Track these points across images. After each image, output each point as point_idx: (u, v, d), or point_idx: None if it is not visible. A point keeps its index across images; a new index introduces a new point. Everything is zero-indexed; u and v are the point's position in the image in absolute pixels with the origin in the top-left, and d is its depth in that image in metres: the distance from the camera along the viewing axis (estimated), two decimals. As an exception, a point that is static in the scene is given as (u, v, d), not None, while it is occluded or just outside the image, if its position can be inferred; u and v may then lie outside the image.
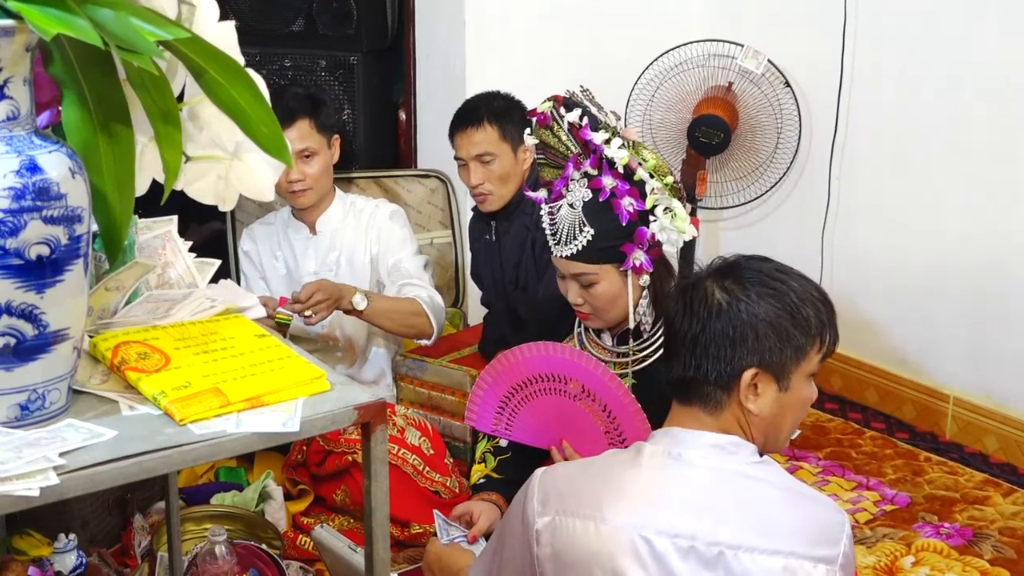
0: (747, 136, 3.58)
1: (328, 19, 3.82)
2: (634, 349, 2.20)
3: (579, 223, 2.09)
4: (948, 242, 3.34)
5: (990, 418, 3.31)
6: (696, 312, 1.59)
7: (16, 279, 1.16)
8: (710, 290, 1.60)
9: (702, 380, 1.59)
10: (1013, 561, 2.73)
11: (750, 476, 1.55)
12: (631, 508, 1.53)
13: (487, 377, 2.23)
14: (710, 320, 1.58)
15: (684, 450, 1.57)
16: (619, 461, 1.63)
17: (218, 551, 2.13)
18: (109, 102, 1.25)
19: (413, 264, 3.06)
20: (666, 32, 3.68)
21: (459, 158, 3.02)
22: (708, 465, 1.56)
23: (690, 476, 1.56)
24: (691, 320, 1.59)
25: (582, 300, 2.16)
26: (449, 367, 3.13)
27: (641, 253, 2.08)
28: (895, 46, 3.41)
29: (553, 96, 2.16)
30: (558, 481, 1.63)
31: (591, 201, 2.09)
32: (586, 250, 2.10)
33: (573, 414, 2.15)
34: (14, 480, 1.13)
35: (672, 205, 2.05)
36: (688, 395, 1.62)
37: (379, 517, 1.41)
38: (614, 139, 2.07)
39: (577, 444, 2.19)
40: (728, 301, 1.58)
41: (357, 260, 3.08)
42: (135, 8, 1.20)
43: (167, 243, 1.62)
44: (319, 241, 3.10)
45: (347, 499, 2.77)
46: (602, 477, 1.60)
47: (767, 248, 3.87)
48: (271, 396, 1.33)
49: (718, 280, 1.61)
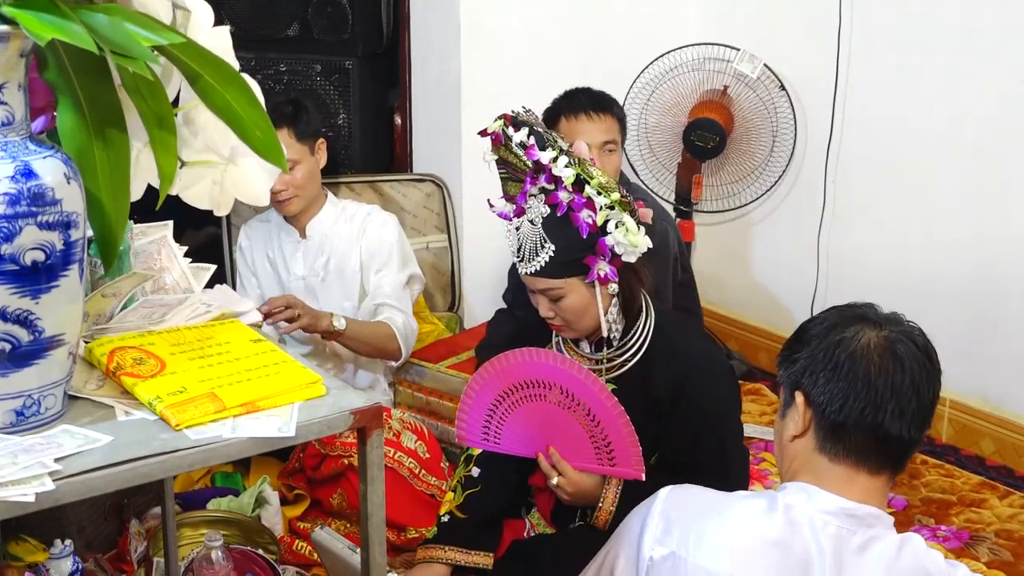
0: (743, 140, 3.58)
1: (323, 24, 3.82)
2: (609, 356, 2.20)
3: (540, 239, 2.09)
4: (944, 245, 3.35)
5: (986, 421, 3.31)
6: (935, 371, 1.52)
7: (11, 284, 1.16)
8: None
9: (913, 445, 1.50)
10: (1010, 564, 2.73)
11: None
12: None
13: (472, 389, 2.23)
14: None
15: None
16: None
17: (214, 556, 2.13)
18: (104, 107, 1.25)
19: (395, 281, 3.04)
20: (661, 36, 3.69)
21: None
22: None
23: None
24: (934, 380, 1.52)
25: (553, 313, 2.16)
26: (447, 373, 3.13)
27: (604, 264, 2.07)
28: (890, 50, 3.41)
29: (503, 115, 2.14)
30: (686, 512, 1.53)
31: (550, 216, 2.08)
32: (549, 265, 2.09)
33: (558, 419, 2.15)
34: (9, 486, 1.12)
35: (623, 219, 2.04)
36: (895, 458, 1.50)
37: (375, 521, 1.41)
38: (560, 157, 2.06)
39: (563, 449, 2.19)
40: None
41: (347, 266, 3.07)
42: (130, 13, 1.20)
43: (162, 248, 1.62)
44: (308, 245, 3.10)
45: (344, 503, 2.77)
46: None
47: (763, 251, 3.90)
48: (267, 401, 1.33)
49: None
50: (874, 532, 1.47)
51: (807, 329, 1.55)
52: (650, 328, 2.19)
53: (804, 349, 1.52)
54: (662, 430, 2.19)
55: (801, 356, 1.52)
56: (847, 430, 1.47)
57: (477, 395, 2.23)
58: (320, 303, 3.04)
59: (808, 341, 1.53)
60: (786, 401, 1.55)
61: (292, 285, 3.08)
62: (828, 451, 1.49)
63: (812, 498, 1.48)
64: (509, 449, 2.25)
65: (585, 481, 2.17)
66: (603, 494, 2.17)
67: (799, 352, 1.53)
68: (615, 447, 2.12)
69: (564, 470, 2.18)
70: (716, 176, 3.66)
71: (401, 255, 3.09)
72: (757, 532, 1.47)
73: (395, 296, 3.01)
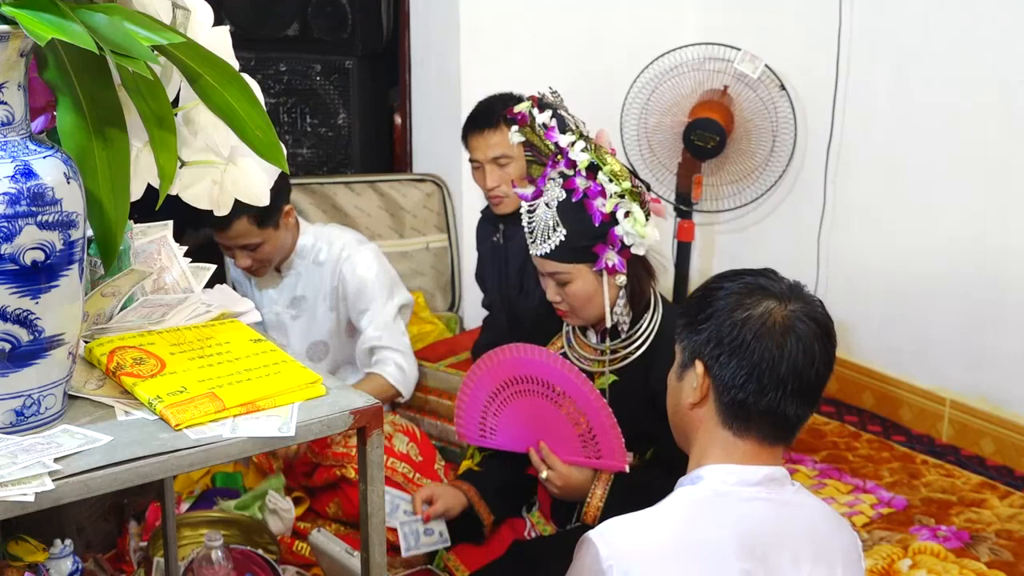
0: (743, 140, 3.58)
1: (323, 23, 3.82)
2: (613, 347, 2.20)
3: (553, 222, 2.11)
4: (944, 245, 3.35)
5: (987, 421, 3.31)
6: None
7: (11, 284, 1.16)
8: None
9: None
10: (1010, 564, 2.73)
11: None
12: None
13: (467, 386, 2.25)
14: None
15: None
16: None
17: (214, 556, 2.13)
18: (104, 107, 1.25)
19: (382, 319, 2.93)
20: (662, 36, 3.68)
21: (474, 160, 2.96)
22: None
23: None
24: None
25: (560, 298, 2.18)
26: (447, 372, 3.13)
27: (613, 254, 2.09)
28: (890, 50, 3.41)
29: (531, 96, 2.17)
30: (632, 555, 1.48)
31: (565, 201, 2.10)
32: (559, 249, 2.11)
33: (547, 414, 2.17)
34: (9, 486, 1.12)
35: (632, 209, 2.05)
36: (790, 436, 1.57)
37: (375, 522, 1.41)
38: (578, 142, 2.08)
39: (552, 444, 2.20)
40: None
41: (319, 307, 2.98)
42: (129, 13, 1.20)
43: (162, 248, 1.62)
44: (283, 282, 2.99)
45: (340, 511, 2.77)
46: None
47: (763, 252, 3.90)
48: (267, 401, 1.33)
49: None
50: (793, 487, 1.57)
51: (711, 300, 1.56)
52: (657, 322, 2.20)
53: (710, 322, 1.54)
54: (659, 424, 2.19)
55: (706, 328, 1.54)
56: (748, 410, 1.51)
57: (472, 392, 2.25)
58: (290, 338, 3.00)
59: (713, 314, 1.55)
60: (684, 363, 1.59)
61: (266, 317, 3.01)
62: (732, 427, 1.54)
63: (732, 474, 1.52)
64: (504, 445, 2.27)
65: (574, 475, 2.18)
66: (592, 489, 2.18)
67: (704, 324, 1.55)
68: (600, 440, 2.13)
69: (553, 464, 2.19)
70: (716, 176, 3.65)
71: (384, 288, 2.96)
72: (696, 532, 1.49)
73: (384, 335, 2.92)
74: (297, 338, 3.01)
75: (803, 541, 1.50)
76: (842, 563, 1.53)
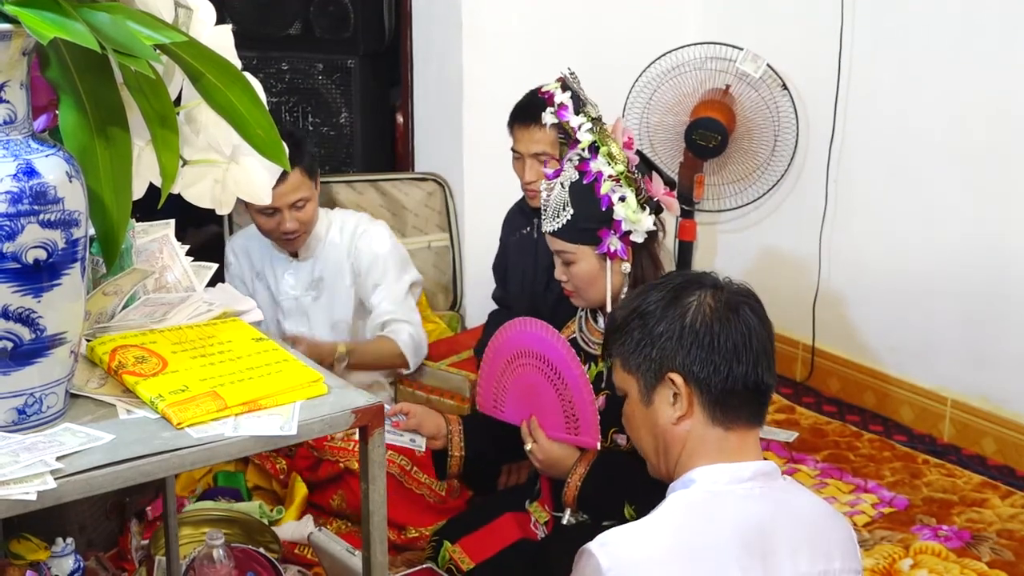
0: (744, 139, 3.57)
1: (325, 22, 3.82)
2: None
3: (564, 202, 2.15)
4: (945, 244, 3.34)
5: (988, 420, 3.31)
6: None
7: (13, 283, 1.16)
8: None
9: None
10: (1011, 563, 2.72)
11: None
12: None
13: (487, 357, 2.29)
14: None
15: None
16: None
17: (216, 555, 2.13)
18: (106, 106, 1.25)
19: (395, 293, 2.98)
20: (663, 35, 3.68)
21: (516, 151, 2.93)
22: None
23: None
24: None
25: (565, 277, 2.22)
26: (448, 371, 3.13)
27: (616, 239, 2.13)
28: (892, 49, 3.41)
29: (560, 76, 2.26)
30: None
31: (576, 182, 2.15)
32: (565, 228, 2.16)
33: (542, 389, 2.20)
34: (11, 484, 1.13)
35: (626, 194, 2.10)
36: (765, 411, 1.60)
37: (376, 520, 1.41)
38: (585, 123, 2.14)
39: (542, 419, 2.22)
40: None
41: (339, 284, 3.01)
42: (132, 12, 1.20)
43: (164, 247, 1.62)
44: (300, 266, 3.02)
45: (344, 504, 2.77)
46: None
47: (765, 251, 3.90)
48: (269, 400, 1.33)
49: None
50: (784, 481, 1.59)
51: (647, 317, 1.58)
52: None
53: (663, 336, 1.56)
54: None
55: (660, 342, 1.56)
56: (736, 395, 1.54)
57: (489, 363, 2.29)
58: (311, 321, 3.02)
59: (662, 326, 1.56)
60: (649, 385, 1.58)
61: (284, 304, 3.04)
62: (721, 421, 1.55)
63: (723, 473, 1.53)
64: (510, 418, 2.28)
65: (555, 450, 2.19)
66: (573, 468, 2.18)
67: (659, 341, 1.56)
68: (579, 414, 2.14)
69: (538, 437, 2.20)
70: (718, 175, 3.65)
71: (397, 264, 3.02)
72: (696, 534, 1.48)
73: (397, 309, 2.97)
74: (320, 319, 3.03)
75: (800, 534, 1.51)
76: (840, 554, 1.54)
